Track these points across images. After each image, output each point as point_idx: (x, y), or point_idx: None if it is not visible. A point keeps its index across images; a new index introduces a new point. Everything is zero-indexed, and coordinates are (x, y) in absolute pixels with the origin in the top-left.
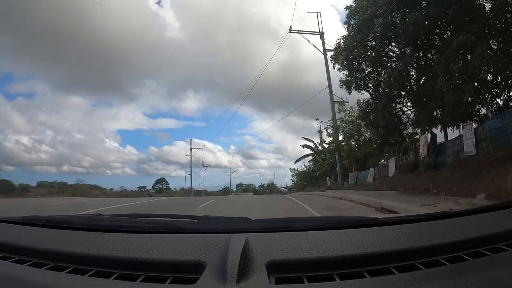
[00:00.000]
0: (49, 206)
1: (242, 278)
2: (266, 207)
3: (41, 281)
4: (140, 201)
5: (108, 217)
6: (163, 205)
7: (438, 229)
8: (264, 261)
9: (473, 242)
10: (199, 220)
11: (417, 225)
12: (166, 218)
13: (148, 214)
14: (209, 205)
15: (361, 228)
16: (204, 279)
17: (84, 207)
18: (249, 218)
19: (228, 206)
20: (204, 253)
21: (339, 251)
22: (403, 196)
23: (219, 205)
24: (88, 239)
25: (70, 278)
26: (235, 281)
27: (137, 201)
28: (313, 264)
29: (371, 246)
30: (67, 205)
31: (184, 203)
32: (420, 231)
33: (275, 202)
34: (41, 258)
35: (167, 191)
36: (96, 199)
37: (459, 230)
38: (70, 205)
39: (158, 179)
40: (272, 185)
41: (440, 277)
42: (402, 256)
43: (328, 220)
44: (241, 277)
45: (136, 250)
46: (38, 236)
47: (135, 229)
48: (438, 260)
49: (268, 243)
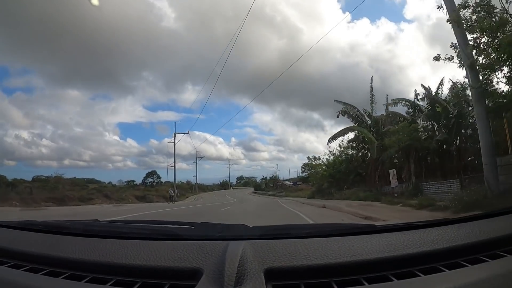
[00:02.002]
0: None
1: (240, 286)
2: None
3: (37, 286)
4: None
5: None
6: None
7: (436, 236)
8: (262, 268)
9: (471, 248)
10: (196, 227)
11: (415, 232)
12: (163, 224)
13: (145, 220)
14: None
15: (359, 235)
16: (201, 286)
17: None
18: (246, 225)
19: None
20: (201, 260)
21: (337, 258)
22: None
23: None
24: (85, 245)
25: (66, 284)
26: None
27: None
28: (311, 271)
29: (369, 253)
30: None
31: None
32: (418, 238)
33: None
34: (37, 263)
35: (157, 187)
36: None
37: (457, 237)
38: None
39: (149, 172)
40: (276, 179)
41: (439, 284)
42: (400, 263)
43: (326, 227)
44: (238, 284)
45: (133, 257)
46: (34, 241)
47: (132, 235)
48: (437, 267)
49: (266, 250)
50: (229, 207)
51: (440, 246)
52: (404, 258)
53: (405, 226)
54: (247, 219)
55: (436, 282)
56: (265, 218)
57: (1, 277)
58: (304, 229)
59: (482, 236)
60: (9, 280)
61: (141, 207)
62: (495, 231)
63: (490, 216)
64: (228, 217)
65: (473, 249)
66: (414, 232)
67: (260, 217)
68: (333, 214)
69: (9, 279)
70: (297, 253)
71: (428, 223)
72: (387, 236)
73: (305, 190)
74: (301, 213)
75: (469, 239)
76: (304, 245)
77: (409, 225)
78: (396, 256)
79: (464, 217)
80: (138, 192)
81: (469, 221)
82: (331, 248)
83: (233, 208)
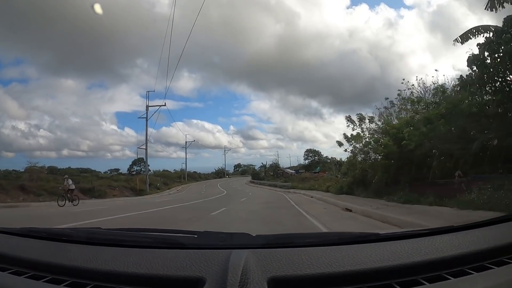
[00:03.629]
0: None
1: None
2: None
3: None
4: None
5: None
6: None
7: (441, 243)
8: (265, 277)
9: (477, 256)
10: (199, 236)
11: (419, 240)
12: (166, 233)
13: (148, 228)
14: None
15: (362, 244)
16: None
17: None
18: (249, 234)
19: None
20: (204, 269)
21: (341, 267)
22: None
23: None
24: (87, 253)
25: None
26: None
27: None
28: (314, 280)
29: (373, 262)
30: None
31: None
32: (422, 246)
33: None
34: (39, 270)
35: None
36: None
37: (462, 244)
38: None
39: (135, 159)
40: (276, 166)
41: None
42: (404, 272)
43: (330, 236)
44: None
45: (135, 265)
46: (36, 248)
47: (134, 243)
48: (442, 275)
49: (269, 259)
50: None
51: (445, 254)
52: (408, 267)
53: (409, 234)
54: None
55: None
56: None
57: (3, 283)
58: (307, 238)
59: (487, 243)
60: (11, 286)
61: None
62: (501, 238)
63: (495, 222)
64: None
65: (479, 256)
66: (419, 240)
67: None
68: None
69: (10, 285)
70: (300, 262)
71: (433, 231)
72: (391, 244)
73: (312, 180)
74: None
75: (474, 246)
76: (308, 254)
77: (413, 233)
78: (401, 265)
79: (469, 224)
80: (103, 182)
81: (474, 228)
82: (334, 257)
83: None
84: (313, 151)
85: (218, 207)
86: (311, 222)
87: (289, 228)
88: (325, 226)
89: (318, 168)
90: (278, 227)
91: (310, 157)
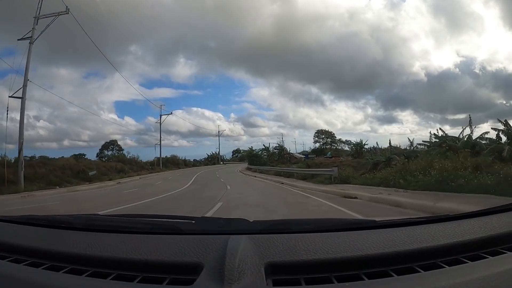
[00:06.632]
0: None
1: (240, 280)
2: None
3: (38, 280)
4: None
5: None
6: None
7: (437, 232)
8: (262, 262)
9: (472, 245)
10: (197, 221)
11: (415, 227)
12: (164, 219)
13: (146, 214)
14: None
15: (359, 231)
16: (201, 280)
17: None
18: (247, 220)
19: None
20: (201, 255)
21: (337, 253)
22: None
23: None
24: (86, 239)
25: (67, 278)
26: (233, 283)
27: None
28: (311, 266)
29: (370, 249)
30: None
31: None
32: (418, 234)
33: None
34: (38, 257)
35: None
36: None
37: (458, 233)
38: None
39: (106, 142)
40: (282, 149)
41: (438, 280)
42: (400, 259)
43: (327, 222)
44: (238, 278)
45: (134, 251)
46: (35, 236)
47: (132, 229)
48: (437, 263)
49: (266, 245)
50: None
51: (441, 242)
52: (404, 254)
53: (406, 221)
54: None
55: (436, 279)
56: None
57: (2, 271)
58: (305, 224)
59: (482, 233)
60: (11, 274)
61: None
62: (496, 228)
63: (491, 213)
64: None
65: (474, 245)
66: (415, 228)
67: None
68: None
69: (9, 273)
70: (297, 248)
71: (429, 219)
72: (387, 231)
73: (332, 166)
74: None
75: (469, 235)
76: (305, 240)
77: (409, 220)
78: (396, 252)
79: (465, 213)
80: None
81: (470, 218)
82: (331, 243)
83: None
84: (325, 132)
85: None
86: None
87: None
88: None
89: (329, 153)
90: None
91: (321, 139)
